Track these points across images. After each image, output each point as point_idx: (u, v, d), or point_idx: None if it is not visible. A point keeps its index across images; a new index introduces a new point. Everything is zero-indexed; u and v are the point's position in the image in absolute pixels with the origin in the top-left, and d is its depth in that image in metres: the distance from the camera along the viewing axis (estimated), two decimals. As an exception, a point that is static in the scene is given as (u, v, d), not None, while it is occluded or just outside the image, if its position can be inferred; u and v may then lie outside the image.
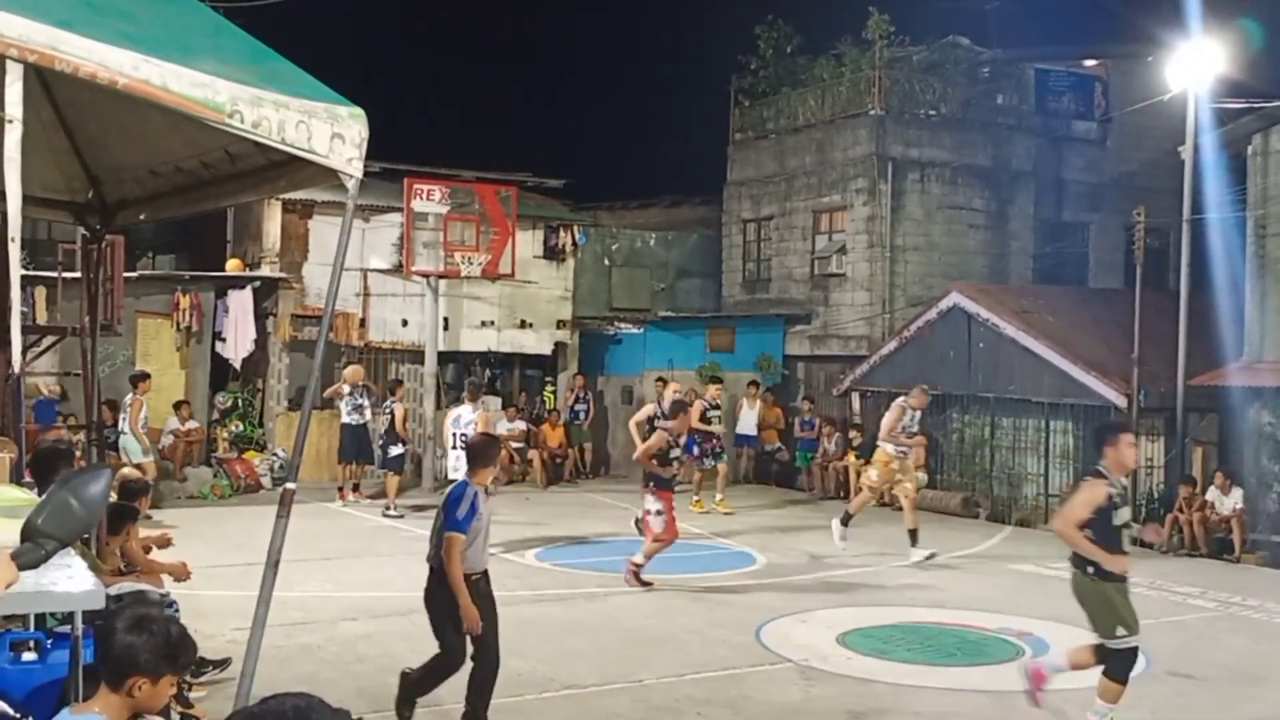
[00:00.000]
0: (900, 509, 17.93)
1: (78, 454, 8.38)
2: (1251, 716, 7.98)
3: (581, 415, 21.24)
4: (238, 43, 4.20)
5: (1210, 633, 10.31)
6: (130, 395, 15.61)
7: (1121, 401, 16.39)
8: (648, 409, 14.75)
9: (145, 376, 16.05)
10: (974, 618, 10.66)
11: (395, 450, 16.69)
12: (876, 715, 7.83)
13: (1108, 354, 17.13)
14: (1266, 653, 9.80)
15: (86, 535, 5.41)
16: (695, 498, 17.26)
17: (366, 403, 17.07)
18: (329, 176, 4.46)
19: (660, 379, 20.01)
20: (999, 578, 12.97)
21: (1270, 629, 10.67)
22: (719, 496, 17.28)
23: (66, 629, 4.88)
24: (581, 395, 21.36)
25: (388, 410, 17.07)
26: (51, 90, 5.53)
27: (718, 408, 17.95)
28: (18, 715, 3.84)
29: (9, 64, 3.47)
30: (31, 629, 4.91)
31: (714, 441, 17.54)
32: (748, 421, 20.98)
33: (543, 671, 8.61)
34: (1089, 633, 7.28)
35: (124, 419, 15.67)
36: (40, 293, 15.68)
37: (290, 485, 4.22)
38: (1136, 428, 16.29)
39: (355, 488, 17.46)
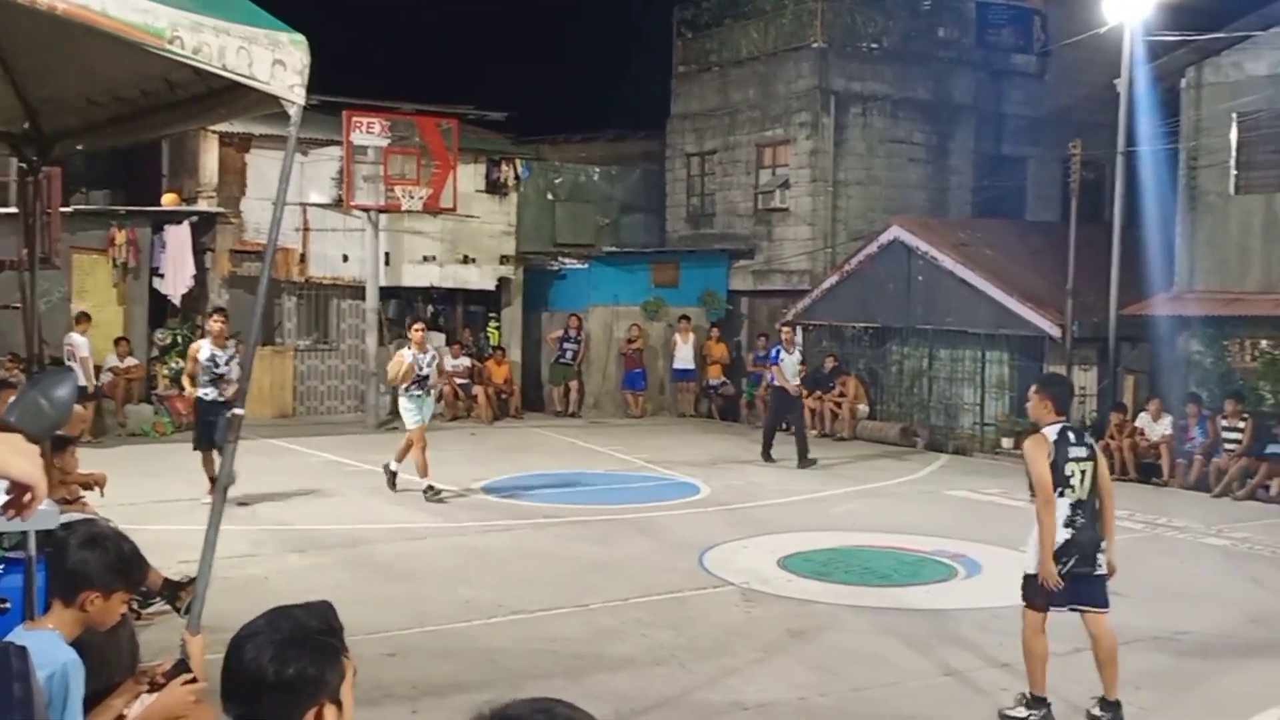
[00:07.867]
0: (843, 439, 18.34)
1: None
2: (1178, 629, 8.31)
3: (570, 355, 21.10)
4: (176, -33, 4.16)
5: (1139, 553, 10.64)
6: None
7: (1055, 332, 16.74)
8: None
9: (85, 317, 16.98)
10: (910, 541, 10.95)
11: None
12: (815, 633, 8.07)
13: (1043, 286, 17.44)
14: (1191, 571, 10.19)
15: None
16: None
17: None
18: (270, 104, 4.44)
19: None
20: (935, 504, 13.29)
21: (1195, 548, 11.07)
22: None
23: (13, 554, 4.92)
24: (574, 334, 21.07)
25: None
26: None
27: None
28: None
29: (-55, -11, 3.43)
30: (-20, 556, 4.95)
31: None
32: (684, 356, 21.13)
33: (490, 598, 8.75)
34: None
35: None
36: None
37: (239, 411, 4.26)
38: (1071, 357, 16.72)
39: None
